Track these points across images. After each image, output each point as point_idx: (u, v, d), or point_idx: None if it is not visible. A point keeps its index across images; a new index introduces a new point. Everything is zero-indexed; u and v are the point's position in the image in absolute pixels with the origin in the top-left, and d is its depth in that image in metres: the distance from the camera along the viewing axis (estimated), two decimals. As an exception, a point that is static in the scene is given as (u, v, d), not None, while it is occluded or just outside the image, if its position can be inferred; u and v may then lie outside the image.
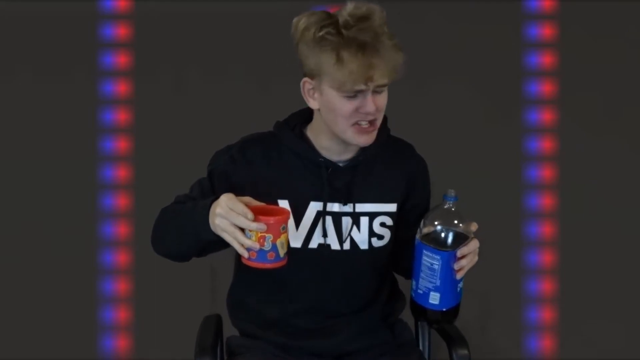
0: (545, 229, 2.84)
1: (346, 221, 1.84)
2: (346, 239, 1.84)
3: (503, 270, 2.79)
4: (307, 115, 1.90)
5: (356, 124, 1.77)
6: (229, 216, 1.62)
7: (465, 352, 1.85)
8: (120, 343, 2.79)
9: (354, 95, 1.73)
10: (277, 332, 1.88)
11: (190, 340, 1.90)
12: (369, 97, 1.74)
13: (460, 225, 1.67)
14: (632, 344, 2.84)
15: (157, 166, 2.77)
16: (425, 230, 1.68)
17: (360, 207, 1.84)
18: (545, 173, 2.84)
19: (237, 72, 2.78)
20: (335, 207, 1.84)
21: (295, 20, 1.76)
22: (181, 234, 1.75)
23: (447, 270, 1.67)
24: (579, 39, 2.82)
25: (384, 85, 1.74)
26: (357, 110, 1.75)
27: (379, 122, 1.80)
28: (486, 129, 2.82)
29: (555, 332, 2.83)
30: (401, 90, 2.76)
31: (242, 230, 1.62)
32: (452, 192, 1.68)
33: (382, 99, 1.77)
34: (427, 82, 2.82)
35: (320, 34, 1.70)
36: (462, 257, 1.67)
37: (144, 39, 2.78)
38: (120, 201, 2.79)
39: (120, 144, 2.79)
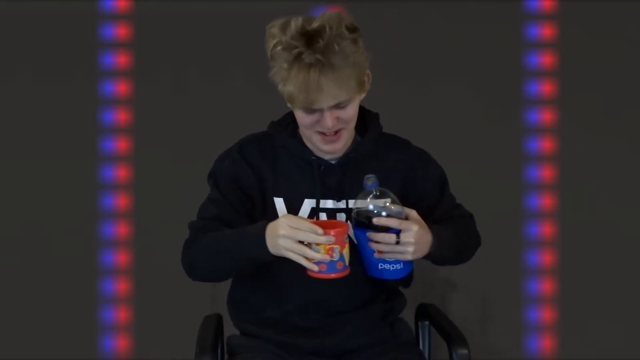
0: (545, 229, 2.84)
1: (340, 217, 1.86)
2: None
3: (503, 270, 2.80)
4: None
5: (320, 132, 1.79)
6: (296, 235, 1.66)
7: (465, 351, 1.85)
8: (120, 343, 2.79)
9: (310, 111, 1.76)
10: (278, 332, 1.89)
11: (191, 340, 1.90)
12: (326, 113, 1.75)
13: (369, 211, 1.73)
14: (632, 344, 2.84)
15: (157, 166, 2.77)
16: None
17: (353, 204, 1.85)
18: (545, 173, 2.84)
19: (237, 72, 2.78)
20: (329, 203, 1.86)
21: (268, 26, 1.78)
22: (233, 263, 1.81)
23: (359, 242, 1.76)
24: (579, 39, 2.82)
25: (337, 103, 1.74)
26: (317, 122, 1.77)
27: (345, 132, 1.82)
28: (486, 129, 2.82)
29: (555, 332, 2.83)
30: (401, 90, 2.78)
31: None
32: (369, 180, 1.73)
33: (345, 112, 1.77)
34: (427, 82, 2.82)
35: (275, 50, 1.73)
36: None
37: (144, 39, 2.78)
38: (120, 201, 2.79)
39: (120, 144, 2.79)
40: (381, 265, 1.77)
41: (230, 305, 2.01)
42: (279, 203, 1.86)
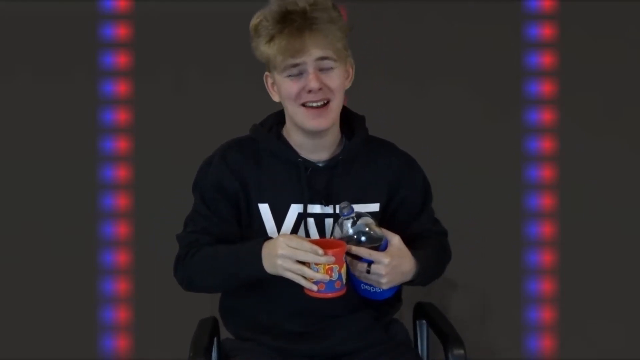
0: (545, 229, 2.83)
1: (329, 222, 1.84)
2: None
3: (503, 270, 2.79)
4: (282, 116, 1.90)
5: (305, 105, 1.78)
6: (295, 255, 1.66)
7: (461, 352, 1.83)
8: (120, 343, 2.79)
9: (296, 73, 1.76)
10: (273, 337, 1.87)
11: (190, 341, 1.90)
12: (311, 73, 1.75)
13: (348, 236, 1.72)
14: (632, 344, 2.84)
15: (157, 166, 2.77)
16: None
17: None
18: (545, 173, 2.84)
19: (237, 72, 2.78)
20: (316, 208, 1.84)
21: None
22: (229, 280, 1.83)
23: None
24: (579, 39, 2.82)
25: (322, 59, 1.76)
26: (302, 89, 1.76)
27: (333, 105, 1.80)
28: (486, 129, 2.82)
29: (555, 332, 2.83)
30: (400, 90, 2.78)
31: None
32: (344, 209, 1.72)
33: (329, 78, 1.77)
34: (427, 82, 2.81)
35: (255, 22, 1.78)
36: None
37: (144, 39, 2.78)
38: (120, 201, 2.79)
39: (120, 144, 2.79)
40: (363, 286, 1.78)
41: (222, 312, 2.00)
42: (264, 209, 1.85)
